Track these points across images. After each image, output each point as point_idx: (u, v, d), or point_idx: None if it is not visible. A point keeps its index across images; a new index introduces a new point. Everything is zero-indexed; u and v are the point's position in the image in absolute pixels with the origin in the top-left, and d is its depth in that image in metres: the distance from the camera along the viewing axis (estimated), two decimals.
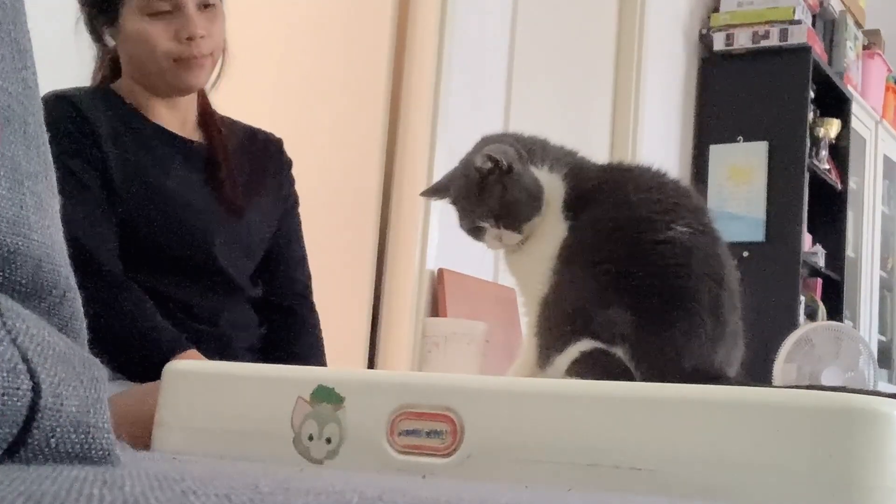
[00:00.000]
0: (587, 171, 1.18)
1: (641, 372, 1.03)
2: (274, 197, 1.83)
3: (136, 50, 1.67)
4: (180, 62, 1.66)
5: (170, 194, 1.65)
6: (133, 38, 1.66)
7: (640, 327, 1.03)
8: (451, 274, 3.16)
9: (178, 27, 1.64)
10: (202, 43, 1.66)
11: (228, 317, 1.70)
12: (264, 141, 1.88)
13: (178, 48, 1.65)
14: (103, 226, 1.59)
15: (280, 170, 1.87)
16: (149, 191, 1.63)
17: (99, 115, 1.64)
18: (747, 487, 0.72)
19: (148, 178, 1.64)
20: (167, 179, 1.66)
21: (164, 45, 1.64)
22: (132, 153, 1.65)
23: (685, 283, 1.05)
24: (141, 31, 1.64)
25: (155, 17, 1.64)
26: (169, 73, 1.67)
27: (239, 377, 0.98)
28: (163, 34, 1.64)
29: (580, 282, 1.08)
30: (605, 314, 1.04)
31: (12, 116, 0.54)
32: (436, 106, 3.19)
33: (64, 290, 0.55)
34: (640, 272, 1.05)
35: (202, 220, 1.67)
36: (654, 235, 1.07)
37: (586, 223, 1.12)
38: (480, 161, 1.14)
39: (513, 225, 1.14)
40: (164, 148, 1.71)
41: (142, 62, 1.67)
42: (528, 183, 1.14)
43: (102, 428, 0.51)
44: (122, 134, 1.66)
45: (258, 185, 1.80)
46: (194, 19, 1.64)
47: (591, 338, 1.04)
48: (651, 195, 1.11)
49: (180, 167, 1.70)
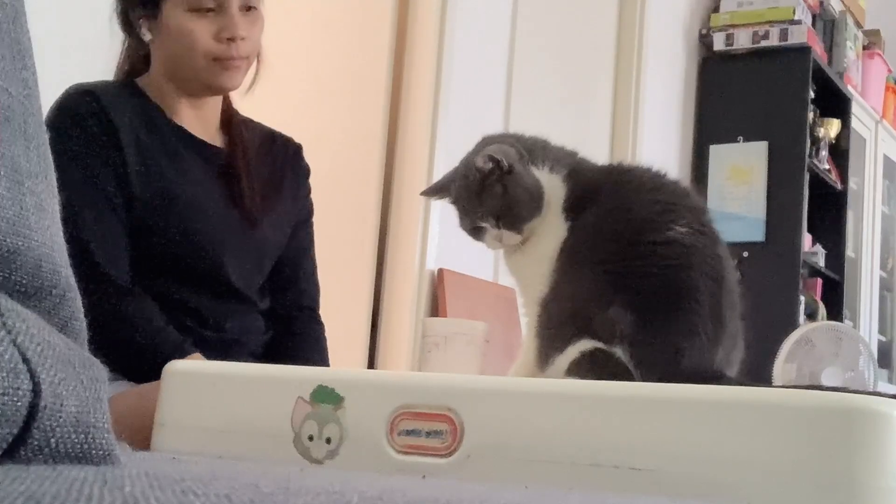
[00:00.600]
0: (587, 173, 1.18)
1: (641, 372, 1.03)
2: (289, 208, 1.81)
3: (175, 45, 1.65)
4: (218, 62, 1.65)
5: (185, 202, 1.64)
6: (174, 33, 1.64)
7: (639, 327, 1.03)
8: (451, 274, 3.16)
9: (220, 26, 1.64)
10: (241, 45, 1.65)
11: (235, 324, 1.69)
12: (284, 146, 1.86)
13: (217, 48, 1.64)
14: (113, 229, 1.58)
15: (297, 178, 1.85)
16: (165, 197, 1.62)
17: (122, 112, 1.63)
18: (747, 487, 0.72)
19: (165, 184, 1.63)
20: (184, 186, 1.65)
21: (204, 42, 1.63)
22: (151, 156, 1.64)
23: (685, 283, 1.05)
24: (183, 26, 1.63)
25: (198, 13, 1.63)
26: (205, 72, 1.66)
27: (239, 377, 0.98)
28: (204, 32, 1.63)
29: (580, 282, 1.08)
30: (604, 314, 1.04)
31: (12, 116, 0.54)
32: (436, 106, 3.19)
33: (64, 291, 0.55)
34: (639, 272, 1.05)
35: (216, 231, 1.66)
36: (654, 236, 1.07)
37: (586, 224, 1.12)
38: (481, 161, 1.14)
39: (513, 225, 1.14)
40: (184, 151, 1.69)
41: (179, 58, 1.66)
42: (528, 184, 1.14)
43: (102, 428, 0.51)
44: (143, 134, 1.64)
45: (274, 194, 1.79)
46: (237, 20, 1.64)
47: (590, 338, 1.05)
48: (651, 196, 1.11)
49: (198, 172, 1.69)
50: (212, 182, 1.70)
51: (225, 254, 1.66)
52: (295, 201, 1.83)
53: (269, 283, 1.79)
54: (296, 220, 1.83)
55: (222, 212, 1.68)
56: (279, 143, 1.86)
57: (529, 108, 3.59)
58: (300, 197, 1.85)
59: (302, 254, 1.84)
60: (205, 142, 1.73)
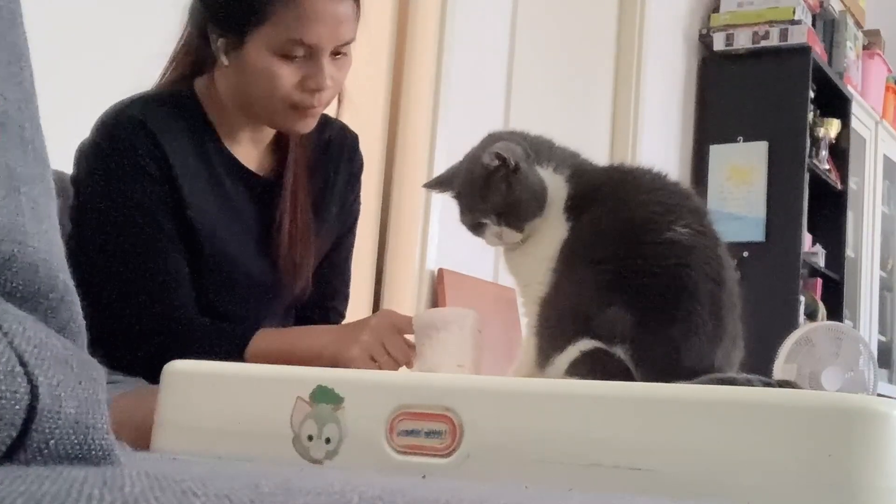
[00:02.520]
0: (590, 174, 1.18)
1: (641, 372, 1.03)
2: (336, 219, 1.72)
3: (253, 84, 1.52)
4: (297, 110, 1.53)
5: (222, 243, 1.55)
6: (255, 73, 1.50)
7: (640, 327, 1.03)
8: (451, 274, 3.16)
9: (307, 74, 1.50)
10: (325, 94, 1.54)
11: None
12: (339, 138, 1.74)
13: (300, 97, 1.51)
14: (180, 272, 1.51)
15: (350, 176, 1.75)
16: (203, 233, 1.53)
17: (175, 141, 1.52)
18: (747, 487, 0.72)
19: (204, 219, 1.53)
20: (224, 224, 1.55)
21: (287, 89, 1.50)
22: (199, 187, 1.54)
23: (685, 283, 1.05)
24: (267, 69, 1.49)
25: (286, 58, 1.49)
26: (280, 116, 1.54)
27: (239, 377, 0.98)
28: (289, 77, 1.50)
29: (580, 281, 1.08)
30: (604, 314, 1.04)
31: (8, 121, 0.54)
32: (436, 106, 3.19)
33: (62, 294, 0.55)
34: (639, 272, 1.05)
35: (257, 286, 1.59)
36: (655, 236, 1.07)
37: (586, 223, 1.12)
38: (488, 158, 1.14)
39: (514, 224, 1.14)
40: (231, 182, 1.59)
41: (254, 97, 1.53)
42: (532, 183, 1.14)
43: (101, 428, 0.51)
44: (192, 160, 1.55)
45: (322, 211, 1.67)
46: (326, 71, 1.50)
47: (590, 337, 1.04)
48: (651, 196, 1.12)
49: (240, 207, 1.59)
50: (253, 217, 1.61)
51: (264, 301, 1.60)
52: (343, 207, 1.73)
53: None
54: (340, 230, 1.74)
55: (257, 253, 1.60)
56: (333, 134, 1.73)
57: (529, 107, 3.59)
58: (348, 201, 1.75)
59: (338, 267, 1.76)
60: (253, 172, 1.63)
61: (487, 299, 3.22)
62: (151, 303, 1.49)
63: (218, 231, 1.55)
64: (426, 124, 3.19)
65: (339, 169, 1.74)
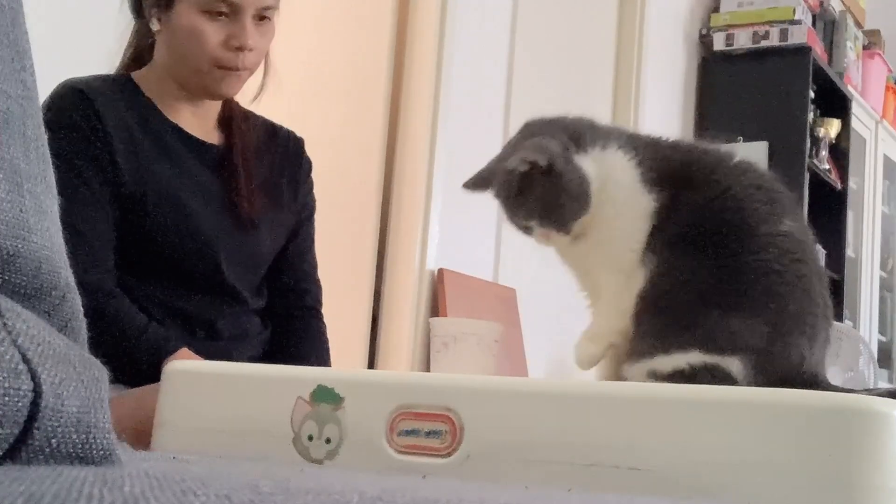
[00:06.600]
0: (664, 149, 1.09)
1: (761, 380, 0.96)
2: (289, 206, 1.78)
3: (182, 43, 1.62)
4: (221, 69, 1.62)
5: (180, 202, 1.61)
6: (183, 31, 1.61)
7: (767, 336, 0.97)
8: (451, 274, 3.16)
9: (231, 33, 1.61)
10: (248, 56, 1.63)
11: (227, 324, 1.67)
12: (285, 140, 1.83)
13: (224, 55, 1.61)
14: (97, 227, 1.55)
15: (298, 173, 1.82)
16: (159, 196, 1.60)
17: (113, 111, 1.60)
18: (747, 487, 0.72)
19: (159, 183, 1.61)
20: (179, 185, 1.63)
21: (212, 47, 1.60)
22: (145, 155, 1.61)
23: (804, 281, 0.98)
24: (193, 26, 1.60)
25: (210, 16, 1.60)
26: (206, 77, 1.63)
27: (239, 377, 0.98)
28: (214, 36, 1.60)
29: (691, 278, 1.00)
30: (725, 322, 0.97)
31: (11, 119, 0.54)
32: (436, 106, 3.19)
33: (64, 292, 0.55)
34: (761, 269, 0.98)
35: (211, 231, 1.64)
36: (770, 227, 1.00)
37: (685, 207, 1.03)
38: (517, 163, 1.07)
39: (558, 225, 1.07)
40: (180, 149, 1.66)
41: (183, 57, 1.63)
42: (570, 181, 1.05)
43: (103, 428, 0.51)
44: (137, 132, 1.62)
45: (274, 191, 1.76)
46: (249, 30, 1.61)
47: (702, 351, 0.98)
48: (749, 180, 1.04)
49: (194, 171, 1.67)
50: (208, 180, 1.68)
51: (220, 254, 1.64)
52: (295, 198, 1.80)
53: (270, 282, 1.77)
54: (296, 218, 1.80)
55: (218, 211, 1.66)
56: (281, 138, 1.82)
57: (529, 108, 3.59)
58: (301, 193, 1.82)
59: (303, 253, 1.82)
60: (201, 140, 1.70)
61: (487, 299, 3.22)
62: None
63: (177, 192, 1.61)
64: (426, 124, 3.19)
65: (287, 157, 1.82)
